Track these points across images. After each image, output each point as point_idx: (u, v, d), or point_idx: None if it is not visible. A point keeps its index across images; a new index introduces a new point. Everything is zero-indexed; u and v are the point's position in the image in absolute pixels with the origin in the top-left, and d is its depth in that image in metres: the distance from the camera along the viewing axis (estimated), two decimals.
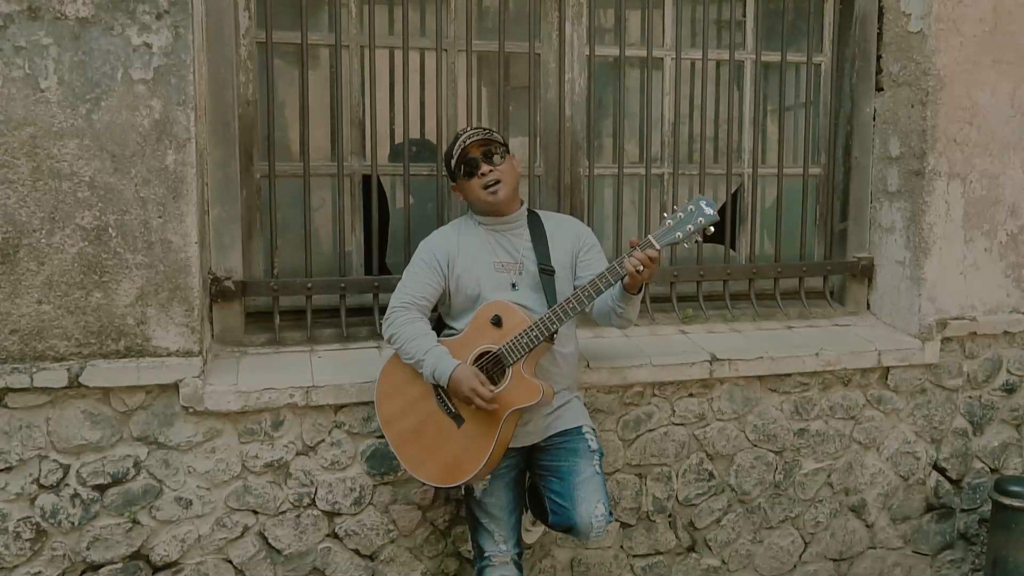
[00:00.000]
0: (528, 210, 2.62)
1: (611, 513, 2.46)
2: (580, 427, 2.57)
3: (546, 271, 2.52)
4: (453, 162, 2.52)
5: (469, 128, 2.55)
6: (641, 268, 2.32)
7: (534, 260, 2.53)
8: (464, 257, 2.52)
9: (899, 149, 3.26)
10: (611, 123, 3.25)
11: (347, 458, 2.71)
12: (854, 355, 3.12)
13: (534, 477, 2.61)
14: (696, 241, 2.42)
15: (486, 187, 2.49)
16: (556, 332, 2.39)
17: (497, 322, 2.40)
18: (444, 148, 2.96)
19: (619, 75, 3.11)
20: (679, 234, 2.36)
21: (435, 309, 2.61)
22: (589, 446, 2.53)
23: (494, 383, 2.41)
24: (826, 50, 3.40)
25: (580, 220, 2.80)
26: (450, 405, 2.45)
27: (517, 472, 2.60)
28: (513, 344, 2.38)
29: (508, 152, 2.55)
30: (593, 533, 2.42)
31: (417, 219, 3.01)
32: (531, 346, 2.37)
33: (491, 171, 2.49)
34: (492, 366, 2.41)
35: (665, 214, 2.45)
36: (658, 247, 2.34)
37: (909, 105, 3.21)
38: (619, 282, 2.40)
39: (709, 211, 2.36)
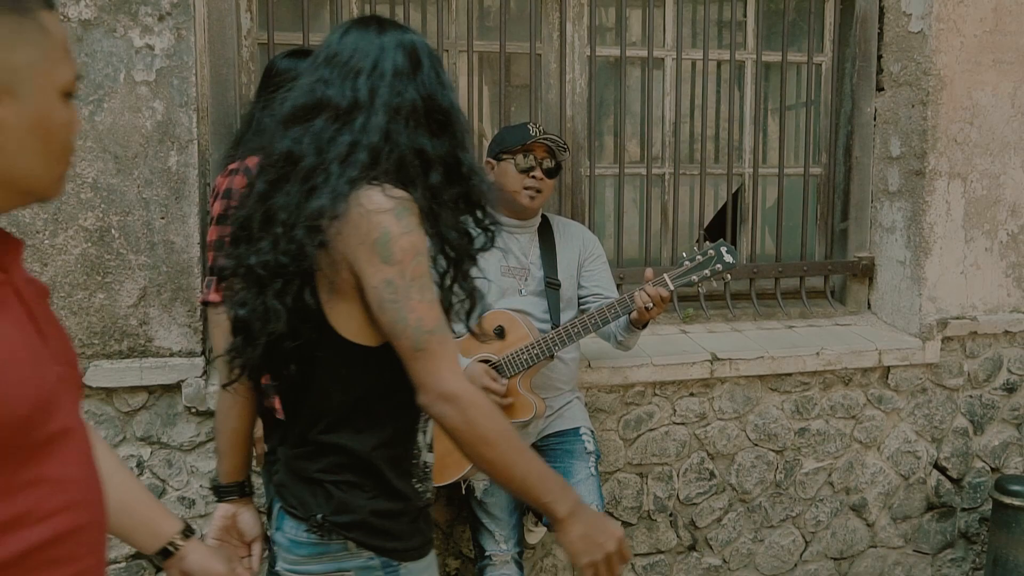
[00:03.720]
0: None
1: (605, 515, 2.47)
2: (578, 428, 2.58)
3: (552, 284, 2.53)
4: (511, 142, 2.45)
5: (545, 130, 2.50)
6: (651, 306, 2.34)
7: (540, 267, 2.54)
8: None
9: (900, 149, 3.26)
10: (612, 123, 3.26)
11: None
12: (855, 354, 3.13)
13: None
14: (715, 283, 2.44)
15: (527, 188, 2.46)
16: (556, 352, 2.41)
17: (500, 333, 2.41)
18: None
19: (620, 75, 3.11)
20: (694, 277, 2.39)
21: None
22: (585, 448, 2.54)
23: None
24: (827, 50, 3.40)
25: (584, 224, 2.81)
26: None
27: None
28: (513, 358, 2.39)
29: (558, 174, 2.54)
30: None
31: None
32: (531, 363, 2.39)
33: (540, 180, 2.46)
34: None
35: (684, 253, 2.45)
36: (672, 288, 2.36)
37: (910, 105, 3.21)
38: (627, 314, 2.42)
39: (729, 259, 2.37)
